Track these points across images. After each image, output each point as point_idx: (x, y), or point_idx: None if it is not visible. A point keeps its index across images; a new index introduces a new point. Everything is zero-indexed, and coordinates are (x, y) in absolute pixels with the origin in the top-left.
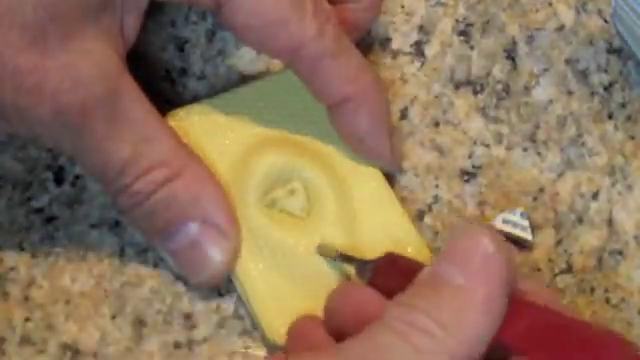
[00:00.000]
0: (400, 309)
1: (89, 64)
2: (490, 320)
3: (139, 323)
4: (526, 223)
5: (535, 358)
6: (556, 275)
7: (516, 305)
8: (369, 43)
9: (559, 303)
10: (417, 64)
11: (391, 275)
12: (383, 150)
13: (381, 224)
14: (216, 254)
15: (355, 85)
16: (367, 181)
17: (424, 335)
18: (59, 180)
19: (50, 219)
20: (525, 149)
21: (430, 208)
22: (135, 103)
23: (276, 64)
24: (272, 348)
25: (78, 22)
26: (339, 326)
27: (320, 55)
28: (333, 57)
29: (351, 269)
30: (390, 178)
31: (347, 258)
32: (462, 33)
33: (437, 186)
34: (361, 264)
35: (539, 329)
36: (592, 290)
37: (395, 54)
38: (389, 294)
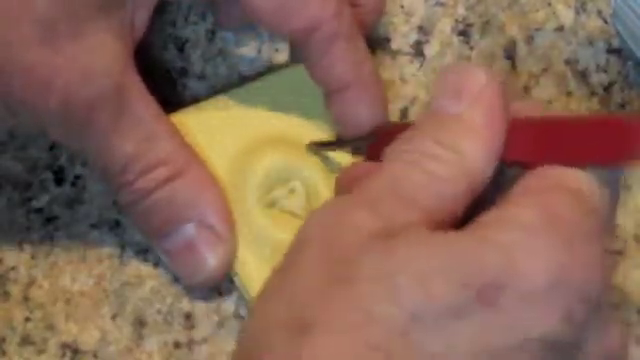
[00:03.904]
0: (404, 142)
1: (99, 59)
2: (494, 140)
3: (139, 323)
4: None
5: (548, 163)
6: None
7: (517, 123)
8: (369, 43)
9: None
10: (417, 64)
11: (387, 142)
12: None
13: None
14: (211, 257)
15: (359, 72)
16: None
17: (436, 161)
18: (59, 180)
19: (50, 219)
20: None
21: None
22: (141, 100)
23: (276, 64)
24: None
25: (90, 17)
26: None
27: (335, 36)
28: (346, 39)
29: None
30: None
31: (339, 143)
32: (462, 33)
33: None
34: (356, 144)
35: (545, 137)
36: None
37: (395, 54)
38: None
